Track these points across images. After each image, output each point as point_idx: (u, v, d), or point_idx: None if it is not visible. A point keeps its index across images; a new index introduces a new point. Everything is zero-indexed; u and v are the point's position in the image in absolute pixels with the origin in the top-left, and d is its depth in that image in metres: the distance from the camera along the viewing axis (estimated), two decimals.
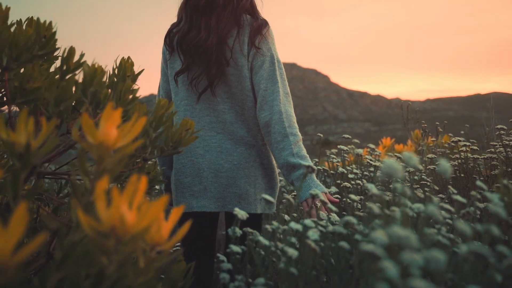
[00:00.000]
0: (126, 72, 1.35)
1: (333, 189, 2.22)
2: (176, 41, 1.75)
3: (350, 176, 2.22)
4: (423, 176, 2.15)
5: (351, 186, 1.50)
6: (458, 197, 0.96)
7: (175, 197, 1.78)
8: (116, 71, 1.34)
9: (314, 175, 1.64)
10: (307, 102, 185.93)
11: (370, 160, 2.14)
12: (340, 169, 2.19)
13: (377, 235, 0.55)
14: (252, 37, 1.69)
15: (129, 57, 1.41)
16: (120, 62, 1.36)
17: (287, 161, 1.61)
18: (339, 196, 1.89)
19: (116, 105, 1.09)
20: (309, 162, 1.62)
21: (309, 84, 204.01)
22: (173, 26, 1.80)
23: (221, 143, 1.73)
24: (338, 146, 2.32)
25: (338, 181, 2.31)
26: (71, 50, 1.12)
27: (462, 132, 2.75)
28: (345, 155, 2.52)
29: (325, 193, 1.60)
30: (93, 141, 0.73)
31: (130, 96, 1.13)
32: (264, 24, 1.73)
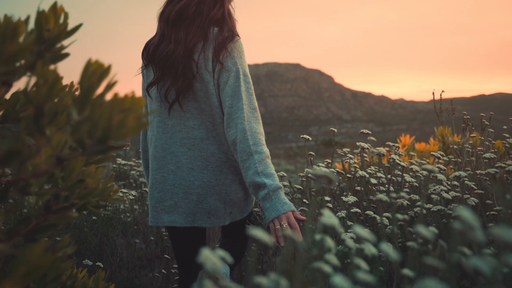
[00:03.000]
0: (43, 24, 0.88)
1: (351, 198, 1.75)
2: (150, 54, 1.74)
3: (373, 181, 1.74)
4: (466, 182, 1.67)
5: (388, 200, 1.02)
6: None
7: (149, 211, 1.80)
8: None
9: (281, 193, 1.57)
10: (311, 103, 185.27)
11: (399, 161, 1.66)
12: (360, 172, 1.72)
13: None
14: (217, 52, 1.64)
15: (55, 3, 0.92)
16: (42, 11, 0.89)
17: (252, 180, 1.58)
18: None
19: None
20: (274, 180, 1.58)
21: (313, 85, 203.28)
22: (151, 39, 1.80)
23: (193, 159, 1.71)
24: (358, 144, 1.84)
25: (358, 187, 1.83)
26: None
27: (504, 127, 2.26)
28: (365, 155, 2.03)
29: (293, 212, 1.54)
30: None
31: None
32: (230, 37, 1.66)
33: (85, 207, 1.07)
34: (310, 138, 2.13)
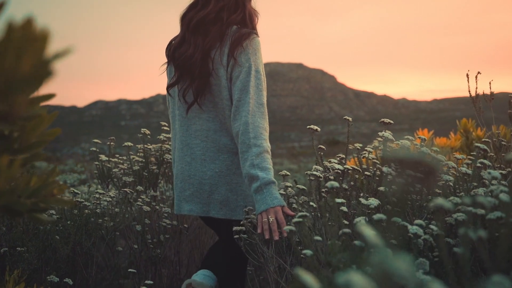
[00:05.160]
0: None
1: (372, 201, 1.41)
2: (170, 53, 1.84)
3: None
4: None
5: (451, 207, 0.69)
6: None
7: (174, 200, 1.91)
8: None
9: (273, 187, 1.60)
10: (313, 102, 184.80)
11: (435, 155, 1.32)
12: (386, 168, 1.38)
13: None
14: (232, 48, 1.70)
15: None
16: None
17: (248, 172, 1.62)
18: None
19: None
20: (268, 174, 1.61)
21: (316, 84, 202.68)
22: (174, 38, 1.88)
23: (205, 151, 1.78)
24: (380, 133, 1.51)
25: (381, 187, 1.50)
26: None
27: None
28: (389, 148, 1.69)
29: (283, 207, 1.59)
30: None
31: None
32: (246, 34, 1.71)
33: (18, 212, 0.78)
34: (319, 129, 1.80)
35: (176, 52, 1.79)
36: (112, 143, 2.64)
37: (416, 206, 1.41)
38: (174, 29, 1.90)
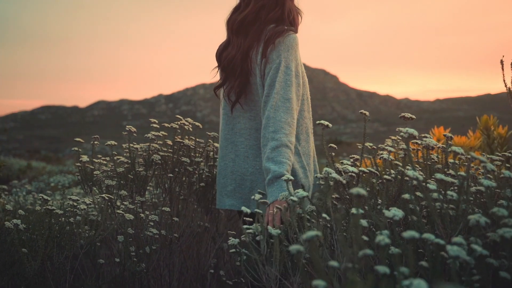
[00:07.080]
0: None
1: (396, 212, 1.15)
2: (217, 57, 1.92)
3: (431, 186, 1.14)
4: None
5: None
6: None
7: (217, 195, 1.97)
8: None
9: (284, 181, 1.55)
10: (316, 102, 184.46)
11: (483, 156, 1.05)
12: (411, 172, 1.12)
13: None
14: (265, 46, 1.74)
15: None
16: None
17: (264, 166, 1.66)
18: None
19: None
20: (281, 167, 1.61)
21: (318, 84, 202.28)
22: (222, 42, 1.93)
23: (248, 148, 1.83)
24: (399, 129, 1.25)
25: (406, 195, 1.23)
26: None
27: None
28: (413, 146, 1.43)
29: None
30: None
31: None
32: (279, 32, 1.73)
33: None
34: (330, 125, 1.55)
35: (221, 56, 1.88)
36: (96, 142, 2.38)
37: (449, 219, 1.15)
38: (175, 29, 1.78)
